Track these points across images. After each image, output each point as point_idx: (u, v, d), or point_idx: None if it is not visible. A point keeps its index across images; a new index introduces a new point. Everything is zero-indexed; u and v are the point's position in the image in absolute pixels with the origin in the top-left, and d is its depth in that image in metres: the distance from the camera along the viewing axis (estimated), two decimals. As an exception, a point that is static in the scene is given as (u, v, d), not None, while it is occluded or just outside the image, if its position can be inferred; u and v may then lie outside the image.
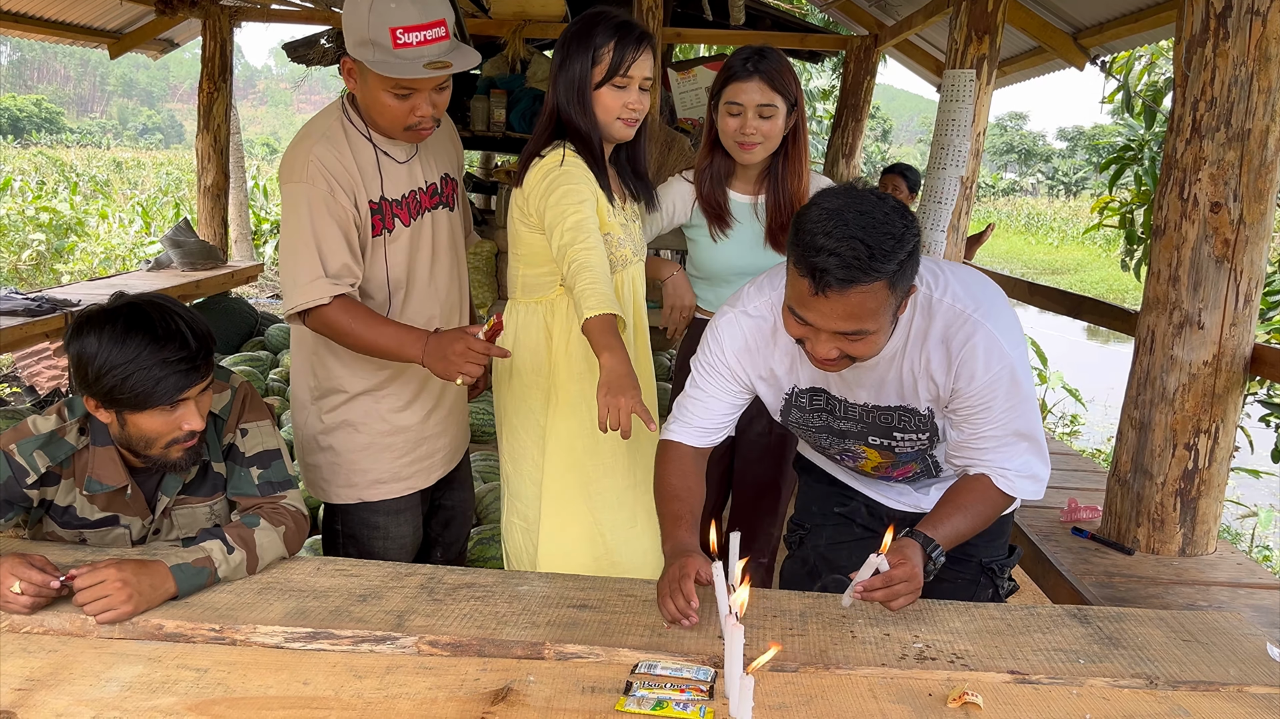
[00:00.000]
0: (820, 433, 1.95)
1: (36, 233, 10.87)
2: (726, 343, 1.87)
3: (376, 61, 1.96)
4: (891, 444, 1.89)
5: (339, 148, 2.07)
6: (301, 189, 2.03)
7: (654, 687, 1.50)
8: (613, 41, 2.11)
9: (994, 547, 2.05)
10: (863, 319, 1.55)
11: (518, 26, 6.43)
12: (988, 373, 1.70)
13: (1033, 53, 5.61)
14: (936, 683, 1.56)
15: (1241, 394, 2.62)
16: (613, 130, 2.18)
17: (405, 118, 2.05)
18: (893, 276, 1.52)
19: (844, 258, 1.49)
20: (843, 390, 1.85)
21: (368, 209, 2.11)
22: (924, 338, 1.73)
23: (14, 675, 1.47)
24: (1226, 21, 2.42)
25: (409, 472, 2.32)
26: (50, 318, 4.55)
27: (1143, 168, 5.42)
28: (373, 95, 2.04)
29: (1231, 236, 2.48)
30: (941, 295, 1.72)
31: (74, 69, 77.80)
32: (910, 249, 1.54)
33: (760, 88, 2.42)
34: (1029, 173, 48.37)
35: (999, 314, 1.72)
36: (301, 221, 2.03)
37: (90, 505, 1.88)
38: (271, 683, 1.49)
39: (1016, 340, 1.73)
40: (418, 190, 2.21)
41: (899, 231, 1.52)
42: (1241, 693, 1.58)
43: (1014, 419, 1.76)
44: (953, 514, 1.79)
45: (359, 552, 2.32)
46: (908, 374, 1.77)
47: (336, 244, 2.04)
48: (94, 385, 1.69)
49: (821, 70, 19.19)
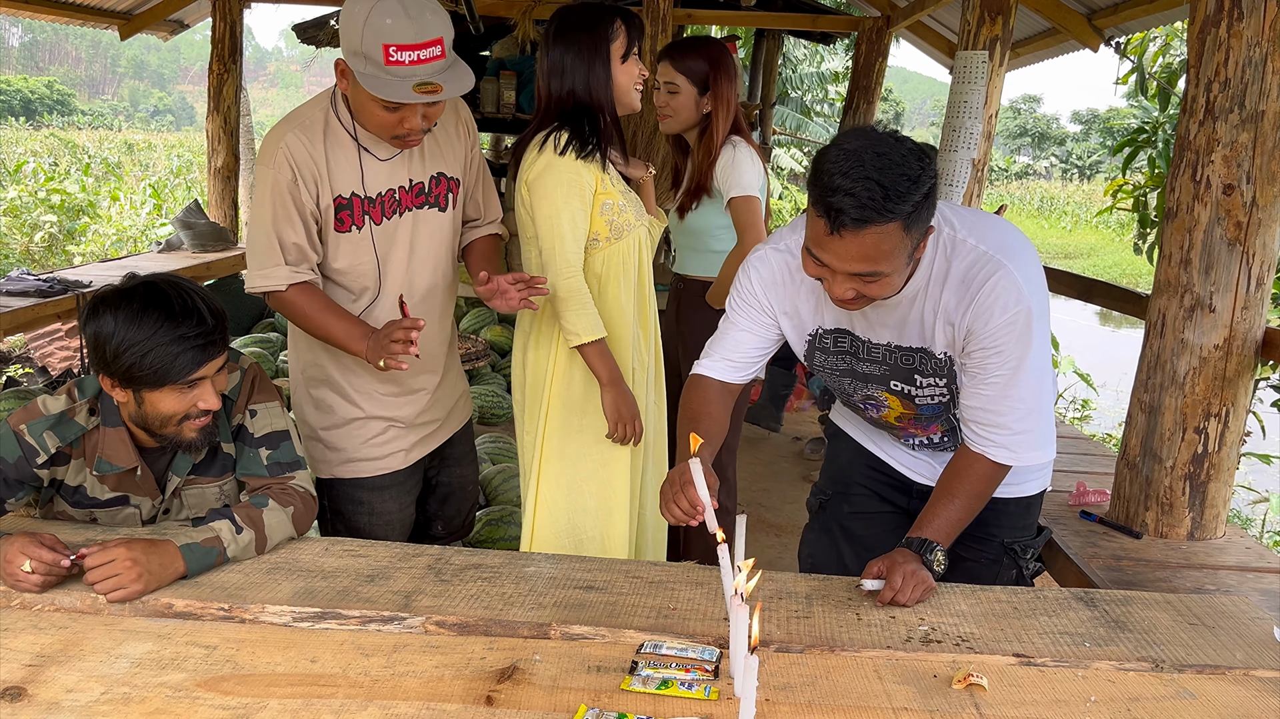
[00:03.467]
0: (844, 376, 1.95)
1: (49, 214, 10.91)
2: (755, 277, 1.90)
3: (366, 75, 1.94)
4: (912, 392, 1.89)
5: (313, 138, 2.08)
6: (269, 174, 2.08)
7: (659, 666, 1.50)
8: (619, 21, 2.31)
9: (1019, 528, 2.04)
10: (877, 260, 1.56)
11: (527, 8, 6.40)
12: (1004, 314, 1.68)
13: (1046, 34, 5.57)
14: (942, 665, 1.57)
15: (1252, 378, 2.60)
16: (631, 98, 2.36)
17: (393, 128, 2.04)
18: (908, 218, 1.53)
19: (859, 198, 1.50)
20: (866, 331, 1.86)
21: (331, 204, 2.12)
22: (944, 278, 1.73)
23: (25, 652, 1.49)
24: (1241, 2, 2.39)
25: (385, 450, 2.34)
26: (62, 299, 4.57)
27: (1156, 150, 5.38)
28: (362, 102, 2.03)
29: (1244, 219, 2.46)
30: (965, 236, 1.72)
31: (85, 51, 77.82)
32: (926, 191, 1.54)
33: (664, 67, 2.88)
34: (1043, 156, 48.09)
35: (1022, 258, 1.71)
36: (265, 208, 2.09)
37: (100, 485, 1.89)
38: (279, 660, 1.50)
39: (1037, 287, 1.71)
40: (398, 189, 2.19)
41: (915, 173, 1.52)
42: (1248, 676, 1.57)
43: (1022, 369, 1.73)
44: (945, 507, 1.81)
45: (346, 527, 2.36)
46: (929, 314, 1.77)
47: (296, 233, 2.10)
48: (111, 364, 1.71)
49: (834, 52, 19.08)
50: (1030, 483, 2.04)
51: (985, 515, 2.00)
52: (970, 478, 1.82)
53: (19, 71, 57.63)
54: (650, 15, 5.67)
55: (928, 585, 1.75)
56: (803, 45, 17.67)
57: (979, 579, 2.01)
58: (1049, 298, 1.76)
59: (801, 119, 18.05)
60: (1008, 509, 2.02)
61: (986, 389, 1.77)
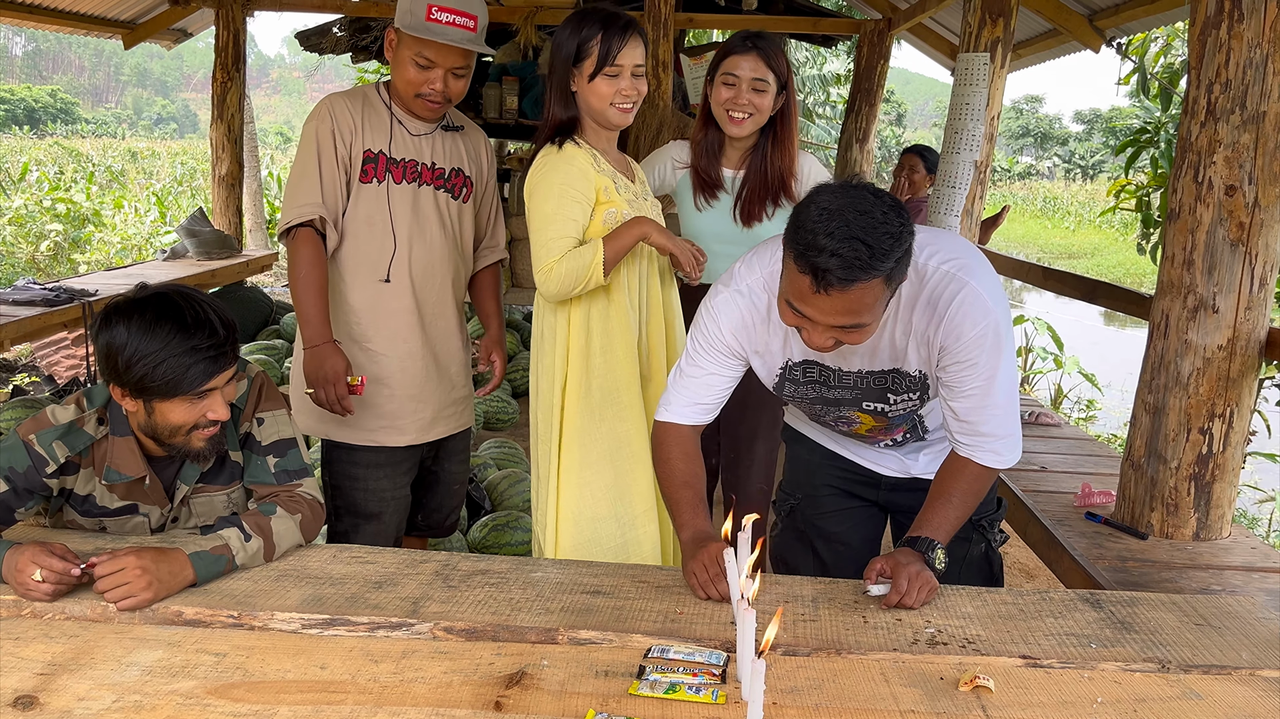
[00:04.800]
0: (815, 403, 1.99)
1: (54, 223, 10.94)
2: (724, 321, 1.91)
3: (409, 26, 2.28)
4: (885, 408, 1.93)
5: (354, 102, 2.40)
6: (312, 126, 2.38)
7: (667, 671, 1.51)
8: (599, 33, 2.22)
9: (982, 505, 2.06)
10: (860, 314, 1.60)
11: (530, 13, 6.42)
12: (974, 329, 1.73)
13: (1048, 35, 5.57)
14: (948, 667, 1.57)
15: (1256, 378, 2.61)
16: (609, 117, 2.28)
17: (419, 85, 2.35)
18: (890, 273, 1.57)
19: (845, 258, 1.52)
20: (836, 361, 1.89)
21: (361, 154, 2.38)
22: (914, 302, 1.78)
23: (36, 660, 1.50)
24: (1241, 3, 2.40)
25: (374, 424, 2.45)
26: (68, 308, 4.59)
27: (1159, 150, 5.38)
28: (400, 62, 2.35)
29: (1246, 220, 2.47)
30: (927, 260, 1.76)
31: (88, 59, 77.99)
32: (906, 246, 1.58)
33: (755, 63, 2.60)
34: (1045, 156, 48.07)
35: (982, 273, 1.76)
36: (308, 152, 2.36)
37: (109, 494, 1.90)
38: (289, 667, 1.51)
39: (999, 298, 1.76)
40: (421, 164, 2.44)
41: (896, 230, 1.56)
42: (1254, 676, 1.58)
43: (996, 378, 1.78)
44: (943, 507, 1.85)
45: (343, 502, 2.49)
46: (900, 337, 1.81)
47: (330, 172, 2.36)
48: (123, 374, 1.72)
49: (835, 54, 19.11)
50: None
51: None
52: (964, 478, 1.87)
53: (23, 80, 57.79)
54: (652, 19, 5.69)
55: (932, 587, 1.77)
56: (804, 48, 17.69)
57: (952, 557, 2.03)
58: (1008, 303, 1.81)
59: (804, 122, 18.06)
60: None
61: (965, 401, 1.81)
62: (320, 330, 2.32)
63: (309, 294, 2.32)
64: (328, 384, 2.29)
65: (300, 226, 2.33)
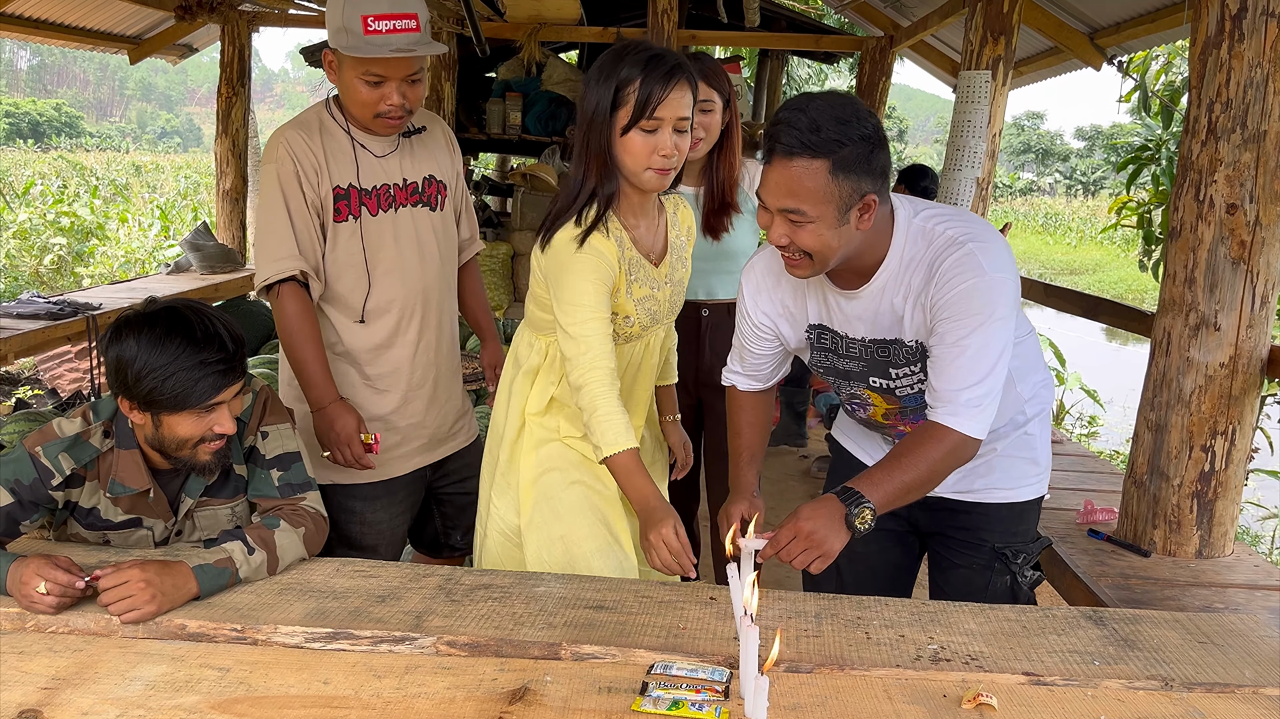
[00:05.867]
0: (829, 373, 1.99)
1: (58, 237, 10.96)
2: (747, 289, 1.97)
3: (348, 46, 2.12)
4: (890, 385, 1.91)
5: (310, 134, 2.24)
6: (272, 169, 2.21)
7: (670, 687, 1.51)
8: (639, 78, 1.83)
9: (1010, 533, 2.04)
10: (800, 196, 1.63)
11: (533, 29, 6.45)
12: (962, 283, 1.70)
13: (1049, 53, 5.60)
14: (951, 684, 1.57)
15: (1258, 396, 2.61)
16: (641, 180, 1.91)
17: (375, 105, 2.19)
18: (835, 160, 1.60)
19: (792, 126, 1.60)
20: (843, 325, 1.89)
21: (330, 193, 2.24)
22: (916, 263, 1.77)
23: (40, 674, 1.50)
24: (1241, 23, 2.41)
25: (379, 460, 2.36)
26: (72, 321, 4.59)
27: (1160, 168, 5.40)
28: (348, 83, 2.19)
29: (1247, 238, 2.48)
30: (935, 225, 1.77)
31: (93, 73, 78.31)
32: (857, 141, 1.61)
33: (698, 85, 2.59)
34: (1046, 172, 48.14)
35: (988, 243, 1.74)
36: (273, 199, 2.21)
37: (114, 507, 1.91)
38: (293, 682, 1.51)
39: (1000, 267, 1.72)
40: (393, 185, 2.31)
41: (849, 119, 1.60)
42: (1257, 694, 1.57)
43: (973, 336, 1.70)
44: (889, 465, 1.75)
45: (338, 537, 2.38)
46: (899, 300, 1.80)
47: (302, 220, 2.22)
48: (133, 387, 1.73)
49: (837, 71, 19.13)
50: (1023, 488, 2.04)
51: (975, 520, 2.04)
52: (920, 440, 1.75)
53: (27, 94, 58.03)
54: (655, 36, 5.72)
55: (821, 550, 1.68)
56: (806, 64, 17.74)
57: (971, 586, 2.02)
58: (1017, 290, 1.77)
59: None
60: (999, 514, 2.03)
61: (937, 351, 1.75)
62: (325, 391, 2.24)
63: (305, 353, 2.23)
64: (342, 446, 2.23)
65: (282, 282, 2.21)
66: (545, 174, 6.73)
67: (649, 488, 1.85)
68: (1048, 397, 2.07)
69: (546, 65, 7.36)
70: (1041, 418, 2.05)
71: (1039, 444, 2.05)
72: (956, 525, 2.07)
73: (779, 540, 1.70)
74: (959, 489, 2.02)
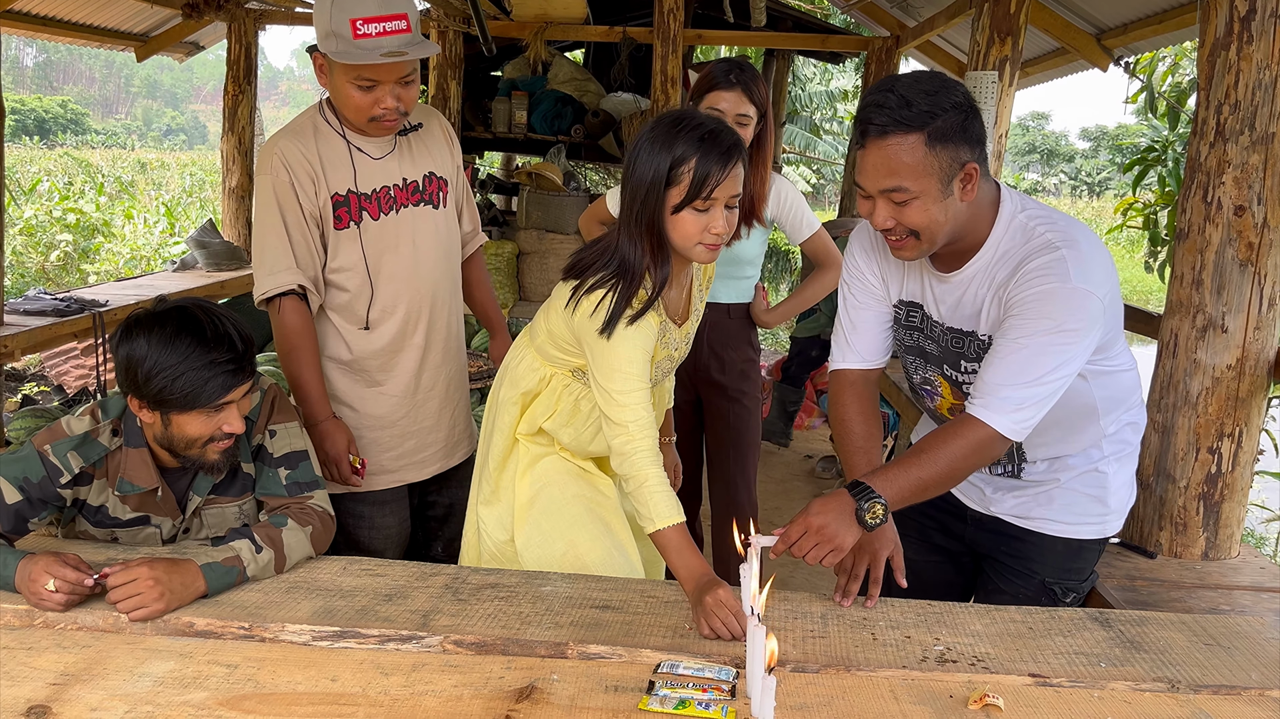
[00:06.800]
0: (910, 352, 1.98)
1: (64, 234, 10.99)
2: (858, 250, 1.96)
3: (338, 52, 2.06)
4: (959, 378, 1.88)
5: (304, 141, 2.19)
6: (267, 180, 2.17)
7: (676, 686, 1.51)
8: (695, 157, 1.78)
9: (1064, 569, 1.98)
10: (900, 174, 1.61)
11: (539, 29, 6.45)
12: (1041, 285, 1.65)
13: (1055, 54, 5.58)
14: (957, 685, 1.57)
15: (1265, 398, 2.61)
16: (692, 254, 1.88)
17: (369, 109, 2.14)
18: (930, 132, 1.59)
19: (882, 107, 1.59)
20: (933, 307, 1.87)
21: (329, 200, 2.20)
22: (1005, 257, 1.74)
23: (49, 670, 1.50)
24: (1250, 25, 2.41)
25: (397, 464, 2.38)
26: (78, 318, 4.60)
27: (1166, 169, 5.39)
28: (339, 88, 2.14)
29: (1255, 240, 2.47)
30: (1035, 226, 1.73)
31: (99, 70, 78.41)
32: (950, 110, 1.60)
33: (738, 98, 2.65)
34: (1052, 173, 48.01)
35: (1085, 254, 1.67)
36: (269, 211, 2.17)
37: (122, 505, 1.91)
38: (300, 679, 1.51)
39: (1089, 279, 1.65)
40: (393, 186, 2.27)
41: (938, 90, 1.60)
42: (1263, 697, 1.58)
43: (1033, 337, 1.64)
44: (907, 460, 1.68)
45: (345, 541, 2.37)
46: (982, 291, 1.77)
47: (300, 232, 2.18)
48: (143, 386, 1.74)
49: (843, 71, 19.14)
50: (1084, 527, 1.96)
51: (1029, 549, 1.98)
52: (945, 437, 1.69)
53: (33, 91, 58.11)
54: (661, 36, 5.72)
55: (833, 545, 1.65)
56: (812, 63, 17.74)
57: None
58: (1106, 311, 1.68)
59: (811, 137, 18.12)
60: (1055, 548, 1.97)
61: (997, 344, 1.70)
62: (319, 408, 2.24)
63: (302, 368, 2.22)
64: (330, 464, 2.25)
65: (282, 295, 2.19)
66: (550, 173, 6.74)
67: (698, 563, 1.80)
68: (1134, 440, 1.99)
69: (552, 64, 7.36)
70: (1122, 459, 1.99)
71: (1112, 485, 1.97)
72: (1010, 552, 2.01)
73: (790, 536, 1.68)
74: (1016, 513, 1.98)
